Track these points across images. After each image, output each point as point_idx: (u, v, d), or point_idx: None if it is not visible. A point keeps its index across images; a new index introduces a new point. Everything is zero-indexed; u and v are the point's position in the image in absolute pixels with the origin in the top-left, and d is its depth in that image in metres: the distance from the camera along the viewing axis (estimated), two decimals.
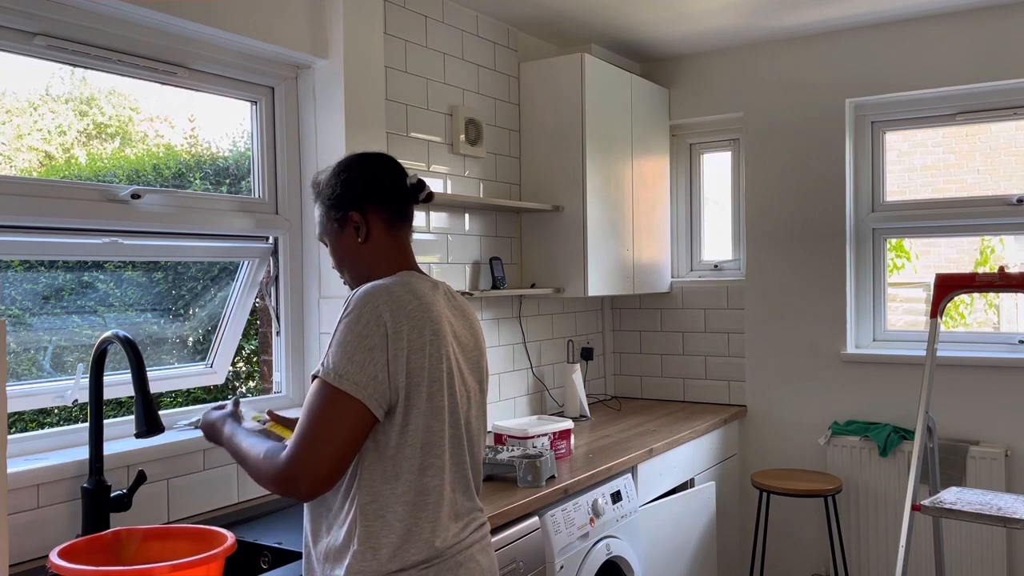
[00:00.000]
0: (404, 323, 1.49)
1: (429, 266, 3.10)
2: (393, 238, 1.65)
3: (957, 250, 3.93)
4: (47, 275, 2.18)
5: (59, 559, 1.52)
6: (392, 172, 1.67)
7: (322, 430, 1.42)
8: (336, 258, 1.69)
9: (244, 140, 2.66)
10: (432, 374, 1.52)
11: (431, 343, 1.52)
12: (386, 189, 1.64)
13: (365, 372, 1.44)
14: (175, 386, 2.45)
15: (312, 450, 1.42)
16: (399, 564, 1.48)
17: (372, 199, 1.63)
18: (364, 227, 1.63)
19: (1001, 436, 3.43)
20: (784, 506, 3.87)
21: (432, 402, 1.52)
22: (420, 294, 1.55)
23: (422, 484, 1.51)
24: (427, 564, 1.51)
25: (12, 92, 2.07)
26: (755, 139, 3.94)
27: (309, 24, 2.59)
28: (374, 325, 1.46)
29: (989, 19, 3.43)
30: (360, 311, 1.48)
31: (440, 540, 1.53)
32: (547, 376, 3.79)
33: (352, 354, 1.45)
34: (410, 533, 1.49)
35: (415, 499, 1.50)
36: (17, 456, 1.99)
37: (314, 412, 1.44)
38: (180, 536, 1.74)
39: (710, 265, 4.20)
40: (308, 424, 1.44)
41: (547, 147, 3.55)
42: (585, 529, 2.60)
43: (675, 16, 3.49)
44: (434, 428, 1.52)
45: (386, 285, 1.52)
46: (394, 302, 1.50)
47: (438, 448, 1.53)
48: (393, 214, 1.65)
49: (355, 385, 1.43)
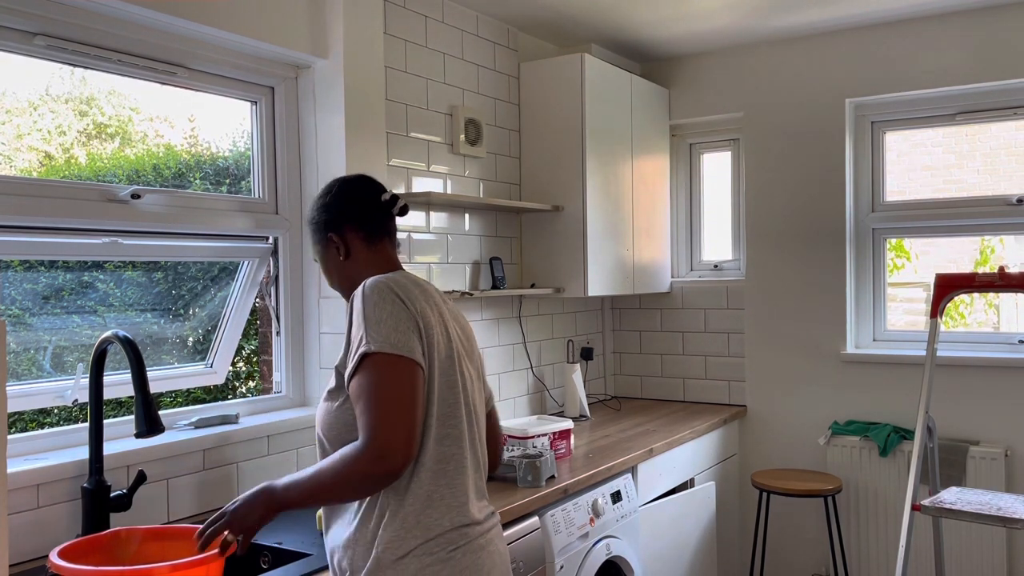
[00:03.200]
0: (418, 301, 1.60)
1: (429, 266, 3.10)
2: (374, 252, 1.75)
3: (957, 250, 3.93)
4: (47, 275, 2.18)
5: (59, 559, 1.52)
6: (366, 192, 1.77)
7: (395, 399, 1.46)
8: (327, 275, 1.81)
9: (244, 140, 2.66)
10: (446, 349, 1.62)
11: (439, 322, 1.63)
12: (359, 209, 1.75)
13: (412, 338, 1.53)
14: (175, 386, 2.45)
15: (392, 421, 1.45)
16: (424, 533, 1.52)
17: (348, 220, 1.74)
18: (343, 246, 1.74)
19: (1001, 436, 3.43)
20: (784, 506, 3.87)
21: (448, 376, 1.61)
22: (418, 283, 1.68)
23: (441, 452, 1.57)
24: (453, 546, 1.54)
25: (12, 92, 2.07)
26: (755, 139, 3.94)
27: (309, 24, 2.59)
28: (394, 301, 1.55)
29: (989, 19, 3.43)
30: (378, 292, 1.56)
31: (474, 508, 1.61)
32: (547, 376, 3.79)
33: (395, 324, 1.52)
34: (431, 499, 1.54)
35: (435, 467, 1.56)
36: (17, 456, 1.99)
37: (380, 385, 1.47)
38: (180, 536, 1.75)
39: (710, 265, 4.20)
40: (378, 398, 1.46)
41: (547, 147, 3.55)
42: (585, 529, 2.60)
43: (675, 16, 3.49)
44: (449, 400, 1.60)
45: (387, 276, 1.62)
46: (400, 287, 1.60)
47: (454, 419, 1.61)
48: (369, 231, 1.75)
49: (410, 350, 1.51)
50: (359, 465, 1.44)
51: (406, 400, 1.47)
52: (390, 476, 1.45)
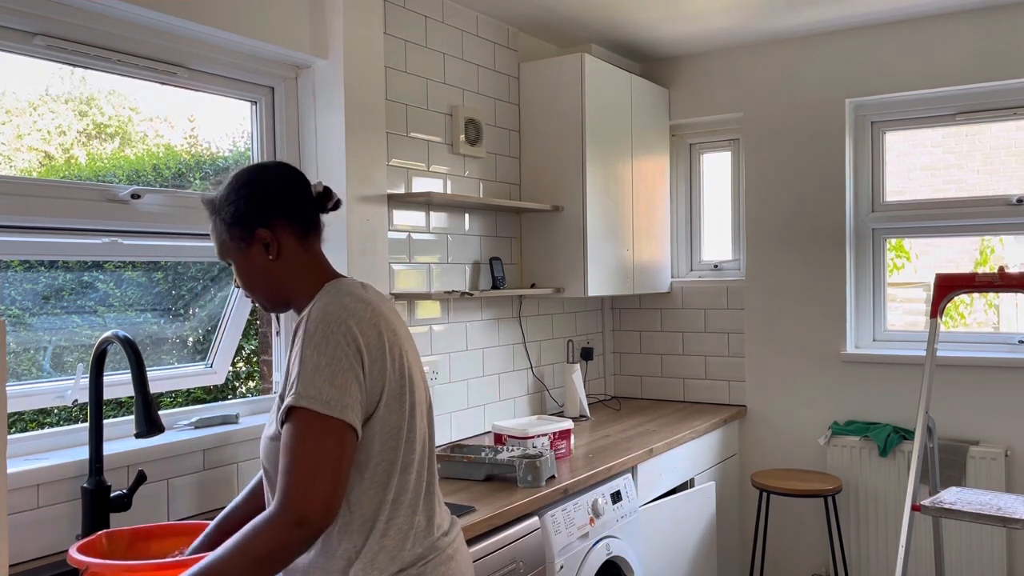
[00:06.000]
0: (369, 333, 1.46)
1: (429, 266, 3.10)
2: (307, 252, 1.57)
3: (957, 250, 3.93)
4: (47, 275, 2.18)
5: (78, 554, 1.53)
6: (298, 182, 1.58)
7: (318, 460, 1.35)
8: (245, 279, 1.58)
9: (244, 140, 2.66)
10: (402, 375, 1.51)
11: (392, 345, 1.50)
12: (294, 202, 1.56)
13: (349, 394, 1.40)
14: (175, 386, 2.45)
15: (313, 484, 1.34)
16: (399, 565, 1.48)
17: (280, 214, 1.54)
18: (274, 244, 1.54)
19: (1001, 436, 3.43)
20: (784, 506, 3.87)
21: (408, 400, 1.52)
22: (367, 300, 1.51)
23: (405, 482, 1.51)
24: (424, 560, 1.51)
25: (12, 92, 2.07)
26: (755, 139, 3.94)
27: (309, 24, 2.59)
28: (344, 344, 1.42)
29: (989, 19, 3.43)
30: (326, 331, 1.42)
31: (437, 528, 1.56)
32: (547, 376, 3.79)
33: (332, 378, 1.39)
34: (402, 532, 1.49)
35: (400, 497, 1.50)
36: (17, 456, 1.99)
37: (304, 445, 1.36)
38: (179, 533, 1.74)
39: (710, 265, 4.20)
40: (300, 457, 1.35)
41: (547, 147, 3.54)
42: (585, 529, 2.60)
43: (675, 16, 3.49)
44: (410, 425, 1.52)
45: (338, 301, 1.47)
46: (354, 316, 1.45)
47: (413, 443, 1.53)
48: (304, 227, 1.57)
49: (343, 409, 1.38)
50: (275, 537, 1.32)
51: (330, 463, 1.35)
52: (305, 545, 1.34)
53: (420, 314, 3.05)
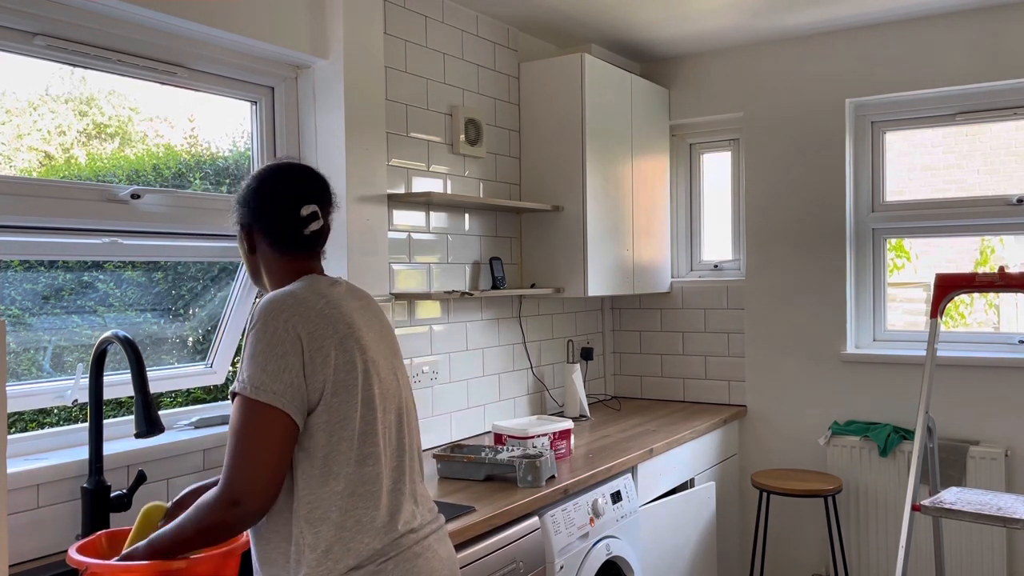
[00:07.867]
0: (317, 323, 1.51)
1: (429, 266, 3.10)
2: (281, 257, 1.65)
3: (957, 250, 3.93)
4: (47, 275, 2.18)
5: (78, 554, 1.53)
6: (286, 199, 1.63)
7: (251, 445, 1.42)
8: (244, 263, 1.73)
9: (244, 140, 2.66)
10: (353, 366, 1.53)
11: (345, 337, 1.54)
12: (272, 217, 1.63)
13: (281, 380, 1.45)
14: (175, 386, 2.45)
15: (246, 466, 1.41)
16: (355, 559, 1.48)
17: (257, 221, 1.65)
18: (250, 242, 1.67)
19: (1001, 436, 3.43)
20: (784, 506, 3.87)
21: (363, 393, 1.54)
22: (324, 292, 1.57)
23: (363, 474, 1.52)
24: (384, 556, 1.51)
25: (12, 92, 2.07)
26: (755, 139, 3.94)
27: (309, 24, 2.59)
28: (283, 332, 1.47)
29: (989, 19, 3.43)
30: (265, 321, 1.48)
31: (404, 524, 1.56)
32: (547, 376, 3.79)
33: (265, 364, 1.45)
34: (360, 525, 1.50)
35: (357, 490, 1.51)
36: (17, 456, 2.00)
37: (240, 429, 1.43)
38: None
39: (710, 265, 4.20)
40: (236, 442, 1.43)
41: (547, 147, 3.54)
42: (585, 529, 2.60)
43: (675, 16, 3.49)
44: (367, 418, 1.54)
45: (289, 290, 1.54)
46: (300, 304, 1.52)
47: (373, 436, 1.54)
48: (277, 242, 1.64)
49: (273, 395, 1.44)
50: (214, 513, 1.41)
51: (263, 448, 1.42)
52: (242, 524, 1.42)
53: (420, 314, 3.05)
